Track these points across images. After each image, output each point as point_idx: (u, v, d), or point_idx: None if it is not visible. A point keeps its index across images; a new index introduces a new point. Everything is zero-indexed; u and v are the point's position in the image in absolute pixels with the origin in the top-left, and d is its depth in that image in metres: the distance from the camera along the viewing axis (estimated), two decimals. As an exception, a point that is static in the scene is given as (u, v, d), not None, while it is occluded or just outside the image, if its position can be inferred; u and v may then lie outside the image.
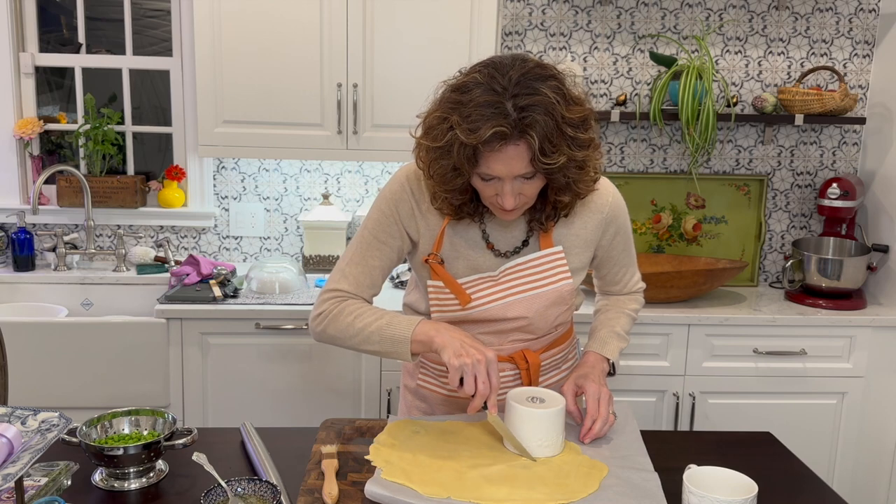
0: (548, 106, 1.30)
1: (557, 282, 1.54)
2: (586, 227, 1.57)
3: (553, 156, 1.32)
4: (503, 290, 1.54)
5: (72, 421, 1.23)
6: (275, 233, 3.05)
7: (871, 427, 2.68)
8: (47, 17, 3.01)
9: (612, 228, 1.60)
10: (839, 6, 2.89)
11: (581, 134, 1.35)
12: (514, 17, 2.86)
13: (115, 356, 2.45)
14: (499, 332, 1.58)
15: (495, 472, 1.36)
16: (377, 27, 2.57)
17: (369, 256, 1.55)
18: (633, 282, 1.73)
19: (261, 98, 2.60)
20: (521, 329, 1.58)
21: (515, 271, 1.53)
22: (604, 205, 1.57)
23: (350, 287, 1.54)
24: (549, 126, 1.30)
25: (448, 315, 1.55)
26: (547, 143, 1.31)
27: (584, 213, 1.56)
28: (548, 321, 1.58)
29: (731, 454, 1.53)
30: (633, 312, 1.72)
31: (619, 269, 1.69)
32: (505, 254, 1.55)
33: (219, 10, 2.54)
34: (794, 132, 3.00)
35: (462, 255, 1.54)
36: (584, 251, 1.59)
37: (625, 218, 1.62)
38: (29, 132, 2.89)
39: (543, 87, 1.31)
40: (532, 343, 1.61)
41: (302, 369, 2.52)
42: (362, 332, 1.48)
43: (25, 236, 2.84)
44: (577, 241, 1.57)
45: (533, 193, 1.42)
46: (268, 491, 1.27)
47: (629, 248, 1.68)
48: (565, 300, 1.57)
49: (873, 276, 2.84)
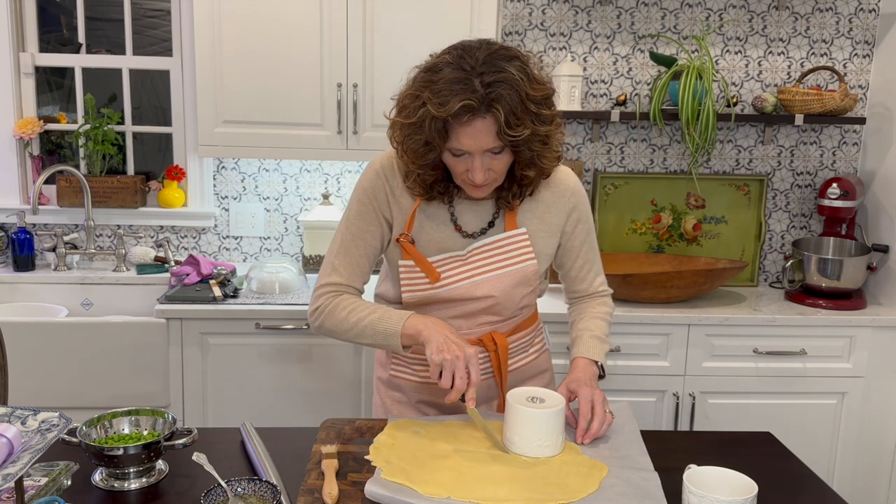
0: (513, 82, 1.39)
1: (522, 262, 1.61)
2: (550, 210, 1.64)
3: (518, 128, 1.41)
4: (471, 269, 1.60)
5: (72, 421, 1.23)
6: (275, 233, 3.05)
7: (871, 427, 2.68)
8: (47, 17, 3.01)
9: (574, 215, 1.66)
10: (839, 6, 2.89)
11: (544, 110, 1.44)
12: (514, 17, 2.86)
13: (115, 356, 2.45)
14: (468, 315, 1.63)
15: (495, 472, 1.36)
16: (377, 27, 2.57)
17: (353, 247, 1.62)
18: (598, 282, 1.75)
19: (261, 98, 2.60)
20: (489, 311, 1.63)
21: (482, 251, 1.61)
22: (566, 189, 1.65)
23: (341, 279, 1.61)
24: (514, 101, 1.39)
25: (419, 294, 1.61)
26: (512, 117, 1.39)
27: (548, 198, 1.64)
28: (514, 301, 1.63)
29: (731, 454, 1.53)
30: (606, 316, 1.74)
31: (582, 265, 1.72)
32: (472, 234, 1.62)
33: (219, 10, 2.54)
34: (794, 132, 3.00)
35: (431, 237, 1.61)
36: (549, 237, 1.65)
37: (587, 207, 1.69)
38: (29, 132, 2.89)
39: (509, 66, 1.41)
40: (499, 325, 1.66)
41: (302, 369, 2.52)
42: (356, 327, 1.56)
43: (25, 236, 2.84)
44: (541, 224, 1.64)
45: (502, 169, 1.50)
46: (268, 491, 1.27)
47: (592, 244, 1.72)
48: (529, 281, 1.63)
49: (873, 276, 2.84)
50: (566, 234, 1.68)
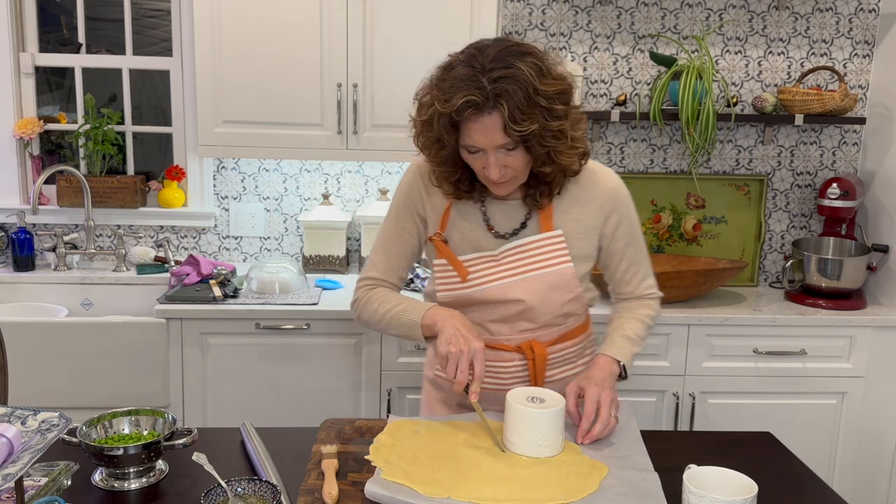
0: (520, 78, 1.39)
1: (556, 265, 1.58)
2: (585, 211, 1.61)
3: (524, 123, 1.40)
4: (503, 270, 1.60)
5: (72, 421, 1.23)
6: (275, 233, 3.05)
7: (871, 427, 2.68)
8: (47, 17, 3.01)
9: (614, 217, 1.62)
10: (839, 6, 2.89)
11: (556, 105, 1.43)
12: (514, 17, 2.86)
13: (115, 356, 2.45)
14: (506, 320, 1.62)
15: (495, 472, 1.36)
16: (377, 27, 2.57)
17: (391, 243, 1.68)
18: (644, 285, 1.71)
19: (261, 98, 2.60)
20: (525, 316, 1.61)
21: (515, 252, 1.59)
22: (603, 190, 1.61)
23: (378, 274, 1.69)
24: (520, 96, 1.39)
25: (452, 293, 1.63)
26: (517, 112, 1.39)
27: (583, 199, 1.61)
28: (551, 307, 1.60)
29: (731, 454, 1.53)
30: (646, 318, 1.69)
31: (627, 267, 1.68)
32: (504, 235, 1.61)
33: (219, 10, 2.54)
34: (794, 132, 3.00)
35: (465, 236, 1.62)
36: (585, 238, 1.61)
37: (628, 209, 1.65)
38: (29, 132, 2.89)
39: (518, 62, 1.41)
40: (540, 334, 1.63)
41: (302, 369, 2.52)
42: (385, 318, 1.62)
43: (25, 236, 2.84)
44: (576, 226, 1.60)
45: (518, 166, 1.49)
46: (268, 491, 1.27)
47: (637, 246, 1.68)
48: (568, 286, 1.59)
49: (873, 276, 2.84)
50: (606, 237, 1.64)
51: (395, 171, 3.01)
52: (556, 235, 1.59)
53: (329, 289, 2.71)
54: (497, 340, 1.64)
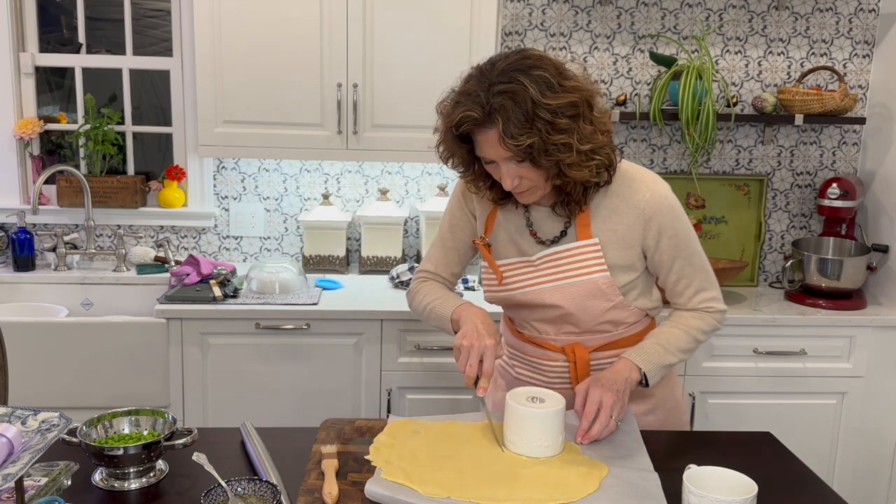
0: (518, 93, 1.39)
1: (591, 273, 1.57)
2: (622, 222, 1.58)
3: (520, 138, 1.40)
4: (539, 275, 1.62)
5: (72, 421, 1.23)
6: (275, 233, 3.05)
7: (871, 427, 2.68)
8: (47, 17, 3.01)
9: (653, 227, 1.57)
10: (839, 6, 2.89)
11: (559, 119, 1.41)
12: (514, 17, 2.86)
13: (115, 356, 2.45)
14: (551, 321, 1.65)
15: (495, 472, 1.36)
16: (377, 27, 2.57)
17: (446, 239, 1.76)
18: (699, 298, 1.64)
19: (261, 98, 2.60)
20: (567, 320, 1.62)
21: (551, 259, 1.60)
22: (640, 201, 1.57)
23: (431, 267, 1.78)
24: (516, 111, 1.39)
25: (494, 295, 1.69)
26: (512, 127, 1.40)
27: (621, 208, 1.58)
28: (591, 314, 1.60)
29: (731, 454, 1.53)
30: (693, 331, 1.63)
31: (677, 279, 1.63)
32: (544, 241, 1.62)
33: (219, 10, 2.54)
34: (794, 132, 3.00)
35: (511, 240, 1.66)
36: (623, 249, 1.58)
37: (672, 220, 1.58)
38: (29, 132, 2.89)
39: (522, 76, 1.41)
40: (586, 338, 1.64)
41: (302, 369, 2.52)
42: (426, 310, 1.71)
43: (25, 236, 2.84)
44: (613, 235, 1.58)
45: (534, 177, 1.49)
46: (268, 491, 1.27)
47: (687, 258, 1.61)
48: (605, 294, 1.58)
49: (873, 276, 2.84)
50: (649, 248, 1.60)
51: (394, 170, 3.01)
52: (593, 244, 1.58)
53: (329, 289, 2.71)
54: (543, 339, 1.67)
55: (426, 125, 2.63)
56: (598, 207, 1.59)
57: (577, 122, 1.44)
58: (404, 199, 3.04)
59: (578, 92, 1.45)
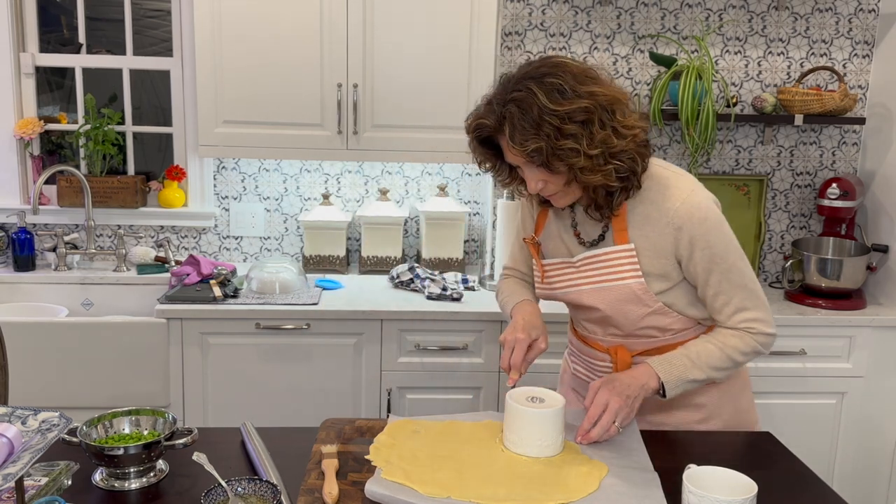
0: (525, 100, 1.43)
1: (625, 278, 1.57)
2: (654, 229, 1.55)
3: (525, 144, 1.44)
4: (579, 277, 1.64)
5: (72, 421, 1.23)
6: (275, 233, 3.05)
7: (871, 427, 2.68)
8: (47, 17, 3.02)
9: (684, 238, 1.53)
10: (839, 6, 2.89)
11: (567, 125, 1.43)
12: (514, 17, 2.86)
13: (116, 356, 2.45)
14: (597, 321, 1.67)
15: (495, 471, 1.36)
16: (377, 27, 2.57)
17: (519, 237, 1.84)
18: (739, 318, 1.57)
19: (261, 98, 2.61)
20: (611, 322, 1.64)
21: (590, 261, 1.62)
22: (670, 209, 1.53)
23: (511, 264, 1.88)
24: (522, 118, 1.43)
25: (541, 292, 1.74)
26: (517, 133, 1.44)
27: (654, 216, 1.55)
28: (629, 318, 1.60)
29: (731, 454, 1.53)
30: (730, 349, 1.56)
31: (715, 295, 1.56)
32: (586, 243, 1.65)
33: (219, 10, 2.54)
34: (794, 132, 3.00)
35: (559, 239, 1.70)
36: (657, 257, 1.56)
37: (704, 232, 1.52)
38: (29, 132, 2.89)
39: (533, 84, 1.44)
40: (630, 342, 1.64)
41: (302, 369, 2.52)
42: (501, 306, 1.82)
43: (26, 236, 2.84)
44: (646, 242, 1.56)
45: (557, 182, 1.51)
46: (268, 491, 1.27)
47: (724, 273, 1.54)
48: (641, 300, 1.57)
49: (873, 276, 2.84)
50: (682, 259, 1.55)
51: (394, 170, 3.01)
52: (627, 249, 1.56)
53: (329, 289, 2.71)
54: (591, 339, 1.71)
55: (426, 125, 2.66)
56: (633, 213, 1.57)
57: (588, 127, 1.43)
58: (404, 199, 3.04)
59: (594, 98, 1.44)
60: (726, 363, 1.57)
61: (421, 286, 2.68)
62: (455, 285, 2.71)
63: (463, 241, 2.95)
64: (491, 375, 2.55)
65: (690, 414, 1.68)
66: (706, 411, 1.68)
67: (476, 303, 2.59)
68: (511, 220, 2.70)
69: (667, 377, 1.53)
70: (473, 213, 3.07)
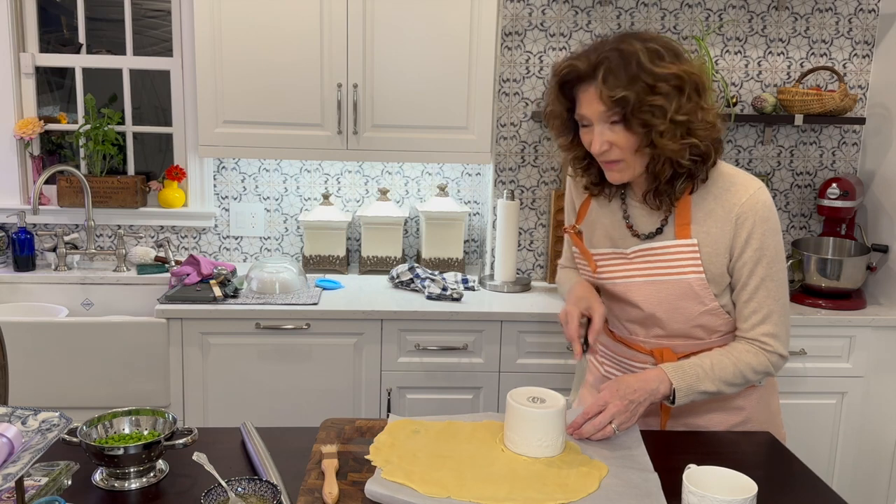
0: (626, 51, 1.43)
1: (685, 273, 1.54)
2: (716, 225, 1.53)
3: (616, 90, 1.42)
4: (632, 269, 1.61)
5: (72, 421, 1.23)
6: (275, 233, 3.05)
7: (871, 427, 2.68)
8: (48, 18, 3.02)
9: (743, 232, 1.51)
10: (839, 6, 2.89)
11: (661, 84, 1.43)
12: (514, 17, 2.86)
13: (116, 356, 2.46)
14: (641, 322, 1.64)
15: (495, 471, 1.36)
16: (377, 27, 2.57)
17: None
18: (761, 330, 1.56)
19: (261, 98, 2.61)
20: (656, 322, 1.60)
21: (646, 253, 1.59)
22: (735, 204, 1.52)
23: (564, 260, 1.89)
24: (619, 65, 1.43)
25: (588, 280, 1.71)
26: (611, 77, 1.43)
27: (718, 212, 1.54)
28: (682, 316, 1.57)
29: (731, 454, 1.53)
30: (743, 365, 1.55)
31: (748, 299, 1.55)
32: (640, 235, 1.61)
33: (219, 10, 2.55)
34: (794, 132, 3.00)
35: (605, 231, 1.67)
36: (716, 255, 1.53)
37: (763, 231, 1.51)
38: (29, 132, 2.89)
39: (635, 41, 1.45)
40: (676, 343, 1.61)
41: (302, 369, 2.52)
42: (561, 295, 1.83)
43: (26, 236, 2.84)
44: (708, 238, 1.54)
45: (623, 144, 1.48)
46: (268, 491, 1.27)
47: (765, 278, 1.53)
48: (698, 297, 1.55)
49: (873, 276, 2.84)
50: (734, 253, 1.53)
51: (395, 170, 3.01)
52: (690, 244, 1.54)
53: (329, 289, 2.71)
54: (633, 341, 1.67)
55: (426, 125, 2.66)
56: (697, 208, 1.55)
57: (679, 94, 1.44)
58: (404, 199, 3.04)
59: (689, 73, 1.45)
60: (738, 379, 1.56)
61: (421, 286, 2.68)
62: (455, 285, 2.71)
63: (463, 241, 2.95)
64: (491, 375, 2.55)
65: (729, 417, 1.66)
66: (745, 414, 1.67)
67: (476, 303, 2.59)
68: (511, 220, 2.70)
69: (679, 384, 1.52)
70: (473, 213, 3.07)
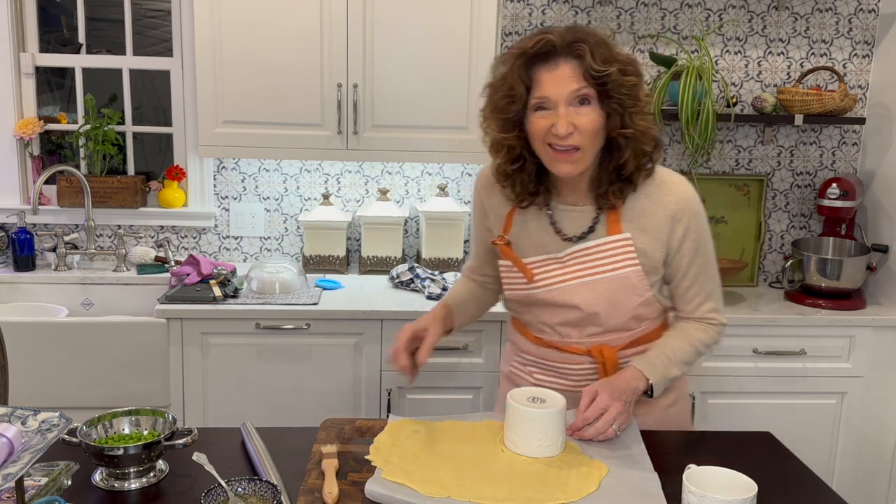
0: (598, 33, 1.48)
1: (623, 268, 1.56)
2: (652, 220, 1.57)
3: (605, 65, 1.44)
4: (568, 272, 1.60)
5: (72, 421, 1.23)
6: (275, 233, 3.05)
7: (871, 427, 2.68)
8: (47, 17, 3.02)
9: (680, 229, 1.57)
10: (839, 6, 2.89)
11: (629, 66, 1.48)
12: (514, 17, 2.86)
13: (115, 356, 2.45)
14: (574, 324, 1.63)
15: (495, 471, 1.36)
16: (377, 27, 2.57)
17: (475, 243, 1.81)
18: (705, 308, 1.64)
19: (261, 98, 2.61)
20: (593, 321, 1.60)
21: (580, 254, 1.59)
22: (670, 202, 1.57)
23: (469, 265, 1.86)
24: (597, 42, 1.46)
25: (518, 293, 1.66)
26: (598, 52, 1.45)
27: (649, 208, 1.57)
28: (619, 310, 1.59)
29: (731, 454, 1.53)
30: (698, 343, 1.64)
31: (689, 285, 1.62)
32: (571, 238, 1.61)
33: (219, 10, 2.54)
34: (794, 132, 3.00)
35: (532, 240, 1.64)
36: (651, 249, 1.57)
37: (697, 224, 1.59)
38: (29, 132, 2.89)
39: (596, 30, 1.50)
40: (611, 338, 1.63)
41: (302, 369, 2.52)
42: None
43: (26, 236, 2.84)
44: (642, 235, 1.57)
45: (587, 128, 1.47)
46: (268, 491, 1.27)
47: (703, 265, 1.61)
48: (636, 289, 1.57)
49: (873, 276, 2.84)
50: (672, 250, 1.59)
51: (394, 170, 3.01)
52: (624, 238, 1.56)
53: (329, 289, 2.71)
54: (567, 343, 1.65)
55: (426, 125, 2.66)
56: (627, 208, 1.58)
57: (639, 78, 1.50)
58: (404, 199, 3.04)
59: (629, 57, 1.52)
60: (694, 357, 1.64)
61: (421, 286, 2.68)
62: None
63: (463, 241, 2.95)
64: (491, 375, 2.55)
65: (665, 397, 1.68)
66: (675, 395, 1.72)
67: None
68: (511, 220, 2.70)
69: (655, 378, 1.56)
70: (473, 213, 3.07)
